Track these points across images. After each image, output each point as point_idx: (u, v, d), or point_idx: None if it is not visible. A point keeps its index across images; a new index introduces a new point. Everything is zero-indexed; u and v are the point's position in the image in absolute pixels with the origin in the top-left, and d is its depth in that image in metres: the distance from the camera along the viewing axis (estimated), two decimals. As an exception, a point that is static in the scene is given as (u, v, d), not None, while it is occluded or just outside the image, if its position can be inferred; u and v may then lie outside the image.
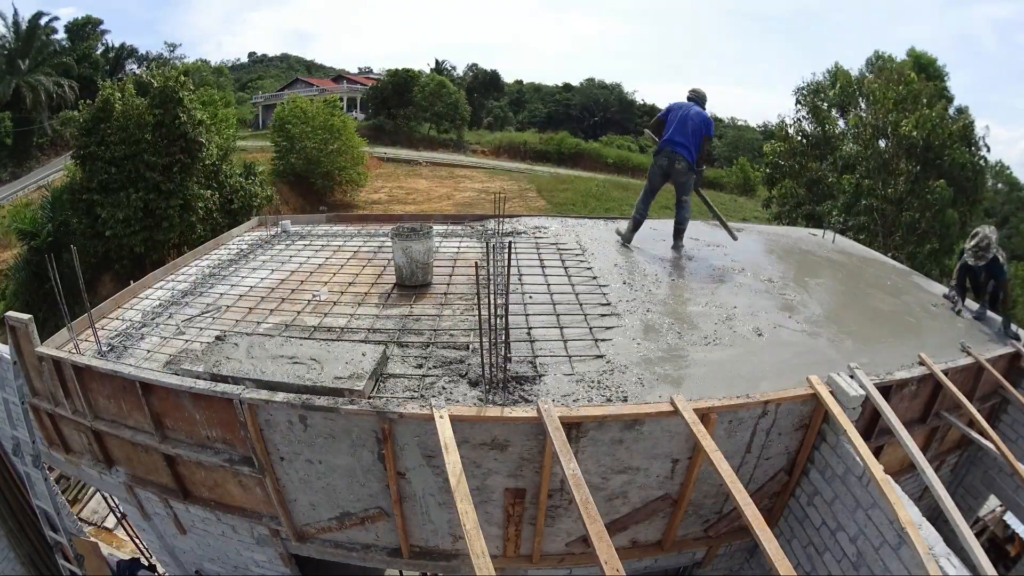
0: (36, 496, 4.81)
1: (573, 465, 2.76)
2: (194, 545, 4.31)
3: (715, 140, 45.09)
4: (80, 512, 7.38)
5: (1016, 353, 4.59)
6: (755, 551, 3.91)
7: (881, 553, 2.96)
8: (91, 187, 15.54)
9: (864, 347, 4.17)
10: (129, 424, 3.78)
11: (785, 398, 3.36)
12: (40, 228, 16.64)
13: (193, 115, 16.04)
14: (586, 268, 5.37)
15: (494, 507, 3.39)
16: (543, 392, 3.39)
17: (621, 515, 3.50)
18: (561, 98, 51.14)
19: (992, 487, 4.92)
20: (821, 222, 15.77)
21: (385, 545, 3.66)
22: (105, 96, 15.53)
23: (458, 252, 5.93)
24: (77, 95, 28.55)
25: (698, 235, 6.67)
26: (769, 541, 2.54)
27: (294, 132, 23.18)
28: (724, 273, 5.50)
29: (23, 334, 3.94)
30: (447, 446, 2.85)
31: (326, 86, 41.20)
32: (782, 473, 3.65)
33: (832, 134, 18.21)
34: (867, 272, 6.21)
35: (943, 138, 15.14)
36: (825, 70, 18.87)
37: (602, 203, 26.06)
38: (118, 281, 14.93)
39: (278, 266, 5.71)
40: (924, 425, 4.18)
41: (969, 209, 16.40)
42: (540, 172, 32.08)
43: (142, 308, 4.76)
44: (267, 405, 3.20)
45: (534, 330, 4.14)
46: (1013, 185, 28.62)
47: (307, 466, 3.39)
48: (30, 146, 29.71)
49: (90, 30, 34.99)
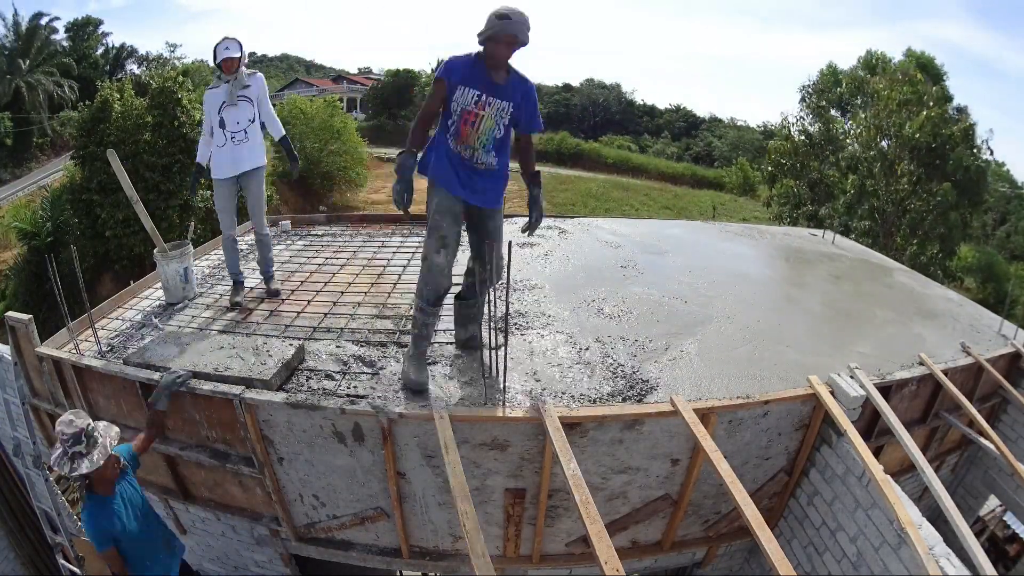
0: (36, 497, 4.80)
1: (573, 465, 2.76)
2: (194, 545, 4.31)
3: (716, 140, 45.42)
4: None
5: (1016, 353, 4.59)
6: (755, 551, 3.91)
7: (881, 553, 2.96)
8: (91, 187, 15.56)
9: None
10: (129, 424, 3.78)
11: (785, 398, 3.36)
12: (40, 228, 16.66)
13: (192, 115, 16.04)
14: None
15: (494, 507, 3.39)
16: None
17: (621, 515, 3.50)
18: (561, 98, 51.16)
19: (992, 487, 4.92)
20: (822, 223, 15.78)
21: (385, 545, 3.66)
22: (104, 96, 15.55)
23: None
24: (77, 95, 28.61)
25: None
26: (769, 541, 2.54)
27: (294, 132, 23.22)
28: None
29: (23, 334, 3.94)
30: (447, 446, 2.85)
31: (326, 86, 41.24)
32: (782, 473, 3.65)
33: (835, 134, 18.23)
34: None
35: (945, 139, 15.15)
36: (819, 70, 18.92)
37: (602, 203, 26.09)
38: (118, 281, 14.92)
39: (278, 266, 5.70)
40: (924, 425, 4.18)
41: (971, 211, 16.42)
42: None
43: (142, 308, 4.76)
44: (267, 405, 3.20)
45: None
46: (1012, 184, 28.65)
47: (307, 466, 3.40)
48: (30, 146, 29.73)
49: (91, 30, 35.01)
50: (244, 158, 4.42)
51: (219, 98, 4.27)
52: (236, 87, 4.27)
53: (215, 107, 4.28)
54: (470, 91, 2.97)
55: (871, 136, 16.63)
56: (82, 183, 15.83)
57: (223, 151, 4.37)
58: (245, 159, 4.43)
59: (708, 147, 45.59)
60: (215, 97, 4.29)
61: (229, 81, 4.26)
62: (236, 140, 4.36)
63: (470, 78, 2.98)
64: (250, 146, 4.42)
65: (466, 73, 2.98)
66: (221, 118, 4.28)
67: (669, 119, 51.34)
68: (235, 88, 4.26)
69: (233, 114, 4.30)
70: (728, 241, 6.97)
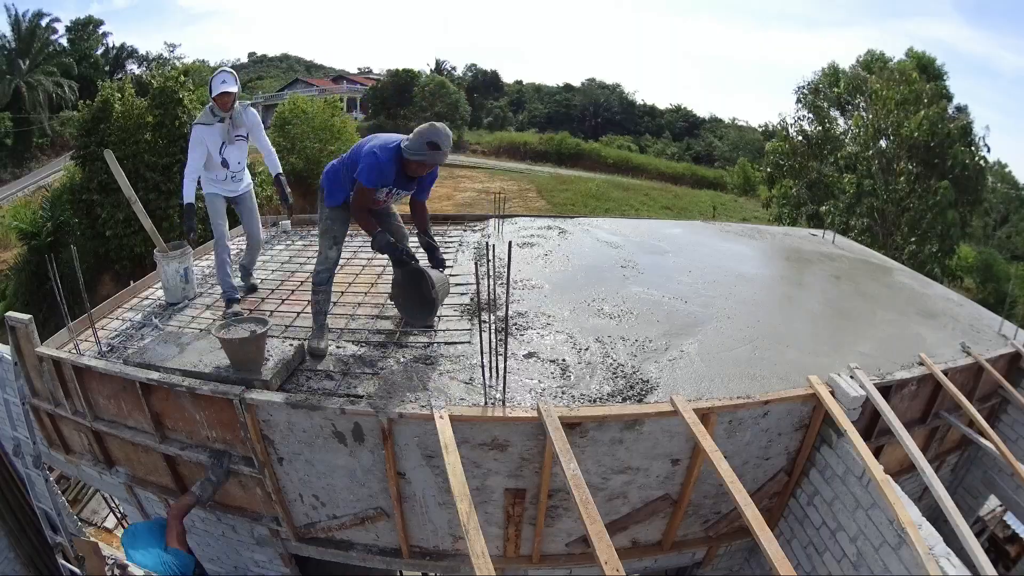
0: (36, 497, 4.80)
1: (573, 465, 2.76)
2: (194, 545, 4.30)
3: (716, 140, 45.40)
4: (80, 512, 7.38)
5: (1016, 353, 4.59)
6: (755, 551, 3.91)
7: (881, 553, 2.96)
8: (91, 187, 15.57)
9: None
10: (129, 424, 3.79)
11: (785, 398, 3.36)
12: (40, 228, 16.66)
13: (194, 115, 16.06)
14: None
15: (494, 507, 3.39)
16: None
17: (621, 515, 3.50)
18: (561, 98, 51.17)
19: (992, 487, 4.92)
20: (822, 222, 15.78)
21: (385, 545, 3.66)
22: (105, 96, 15.56)
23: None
24: (77, 95, 28.60)
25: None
26: (769, 541, 2.54)
27: (294, 132, 23.23)
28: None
29: (23, 334, 3.94)
30: (447, 446, 2.86)
31: (326, 86, 41.27)
32: (782, 473, 3.65)
33: (833, 134, 18.22)
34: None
35: (943, 137, 15.13)
36: (819, 69, 18.90)
37: (602, 203, 26.06)
38: (118, 281, 14.94)
39: (278, 266, 5.71)
40: (924, 425, 4.18)
41: (970, 210, 16.41)
42: (540, 172, 32.09)
43: (142, 308, 4.76)
44: (267, 405, 3.20)
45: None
46: (1014, 185, 28.66)
47: (307, 466, 3.40)
48: (30, 146, 29.75)
49: (91, 30, 35.02)
50: (238, 187, 4.57)
51: (218, 137, 4.23)
52: (232, 127, 4.25)
53: (216, 147, 4.26)
54: (383, 189, 3.50)
55: (869, 136, 16.63)
56: (82, 183, 15.84)
57: (219, 182, 4.44)
58: (238, 188, 4.58)
59: (709, 147, 45.60)
60: (213, 136, 4.22)
61: (223, 120, 4.20)
62: (236, 177, 4.50)
63: (392, 183, 3.47)
64: (244, 175, 4.58)
65: (386, 180, 3.43)
66: (224, 159, 4.31)
67: (670, 119, 51.35)
68: (231, 128, 4.25)
69: (234, 154, 4.36)
70: (728, 241, 6.97)
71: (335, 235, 3.76)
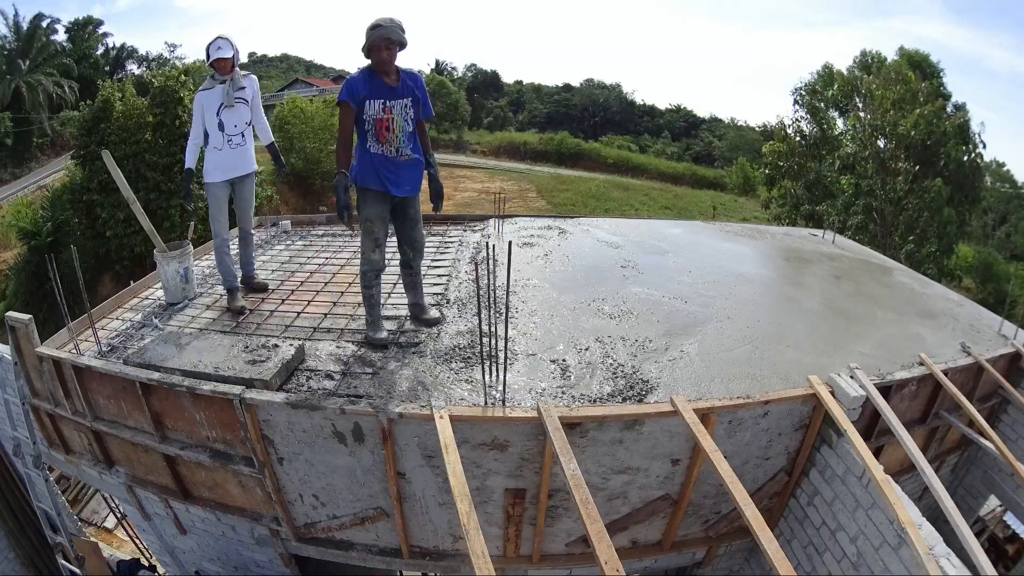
0: (36, 497, 4.81)
1: (573, 465, 2.76)
2: (194, 545, 4.32)
3: (716, 140, 45.41)
4: (80, 512, 7.38)
5: (1016, 353, 4.59)
6: (755, 551, 3.91)
7: (881, 553, 2.96)
8: (91, 187, 15.56)
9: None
10: (129, 424, 3.79)
11: (785, 398, 3.36)
12: (40, 228, 16.66)
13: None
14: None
15: (494, 507, 3.39)
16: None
17: (621, 515, 3.50)
18: (561, 98, 51.19)
19: (992, 487, 4.92)
20: (821, 222, 15.78)
21: (385, 545, 3.67)
22: (105, 96, 15.56)
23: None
24: (77, 95, 28.60)
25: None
26: (769, 541, 2.54)
27: (294, 132, 23.24)
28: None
29: (23, 334, 3.94)
30: (447, 446, 2.85)
31: (326, 86, 41.19)
32: (782, 473, 3.65)
33: (830, 134, 18.23)
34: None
35: (939, 135, 15.14)
36: (815, 70, 18.91)
37: (602, 203, 26.08)
38: (118, 281, 14.94)
39: (278, 266, 5.71)
40: (924, 425, 4.18)
41: (968, 208, 16.41)
42: (540, 172, 32.10)
43: (142, 308, 4.76)
44: (267, 405, 3.20)
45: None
46: (1013, 184, 28.67)
47: (307, 466, 3.40)
48: (30, 146, 29.75)
49: (91, 31, 35.01)
50: (239, 163, 4.40)
51: (216, 100, 4.20)
52: (232, 88, 4.22)
53: (213, 109, 4.21)
54: (375, 102, 3.46)
55: (867, 136, 16.63)
56: (82, 183, 15.84)
57: (219, 155, 4.32)
58: (240, 164, 4.41)
59: (708, 147, 45.63)
60: (211, 98, 4.20)
61: (224, 82, 4.20)
62: (233, 144, 4.33)
63: (371, 91, 3.45)
64: (245, 149, 4.40)
65: (366, 89, 3.45)
66: (220, 120, 4.23)
67: (669, 119, 51.40)
68: (231, 89, 4.21)
69: (231, 116, 4.26)
70: (728, 241, 6.97)
71: (376, 237, 3.69)
